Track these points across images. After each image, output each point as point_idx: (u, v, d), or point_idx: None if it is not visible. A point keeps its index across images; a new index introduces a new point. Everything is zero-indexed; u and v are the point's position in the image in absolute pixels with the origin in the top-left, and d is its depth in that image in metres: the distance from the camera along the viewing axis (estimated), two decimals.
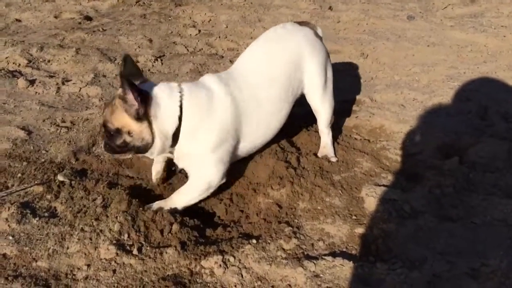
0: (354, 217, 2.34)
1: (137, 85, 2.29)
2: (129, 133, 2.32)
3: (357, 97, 3.78)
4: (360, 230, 2.25)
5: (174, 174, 2.83)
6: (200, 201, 2.65)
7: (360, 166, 2.78)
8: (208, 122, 2.41)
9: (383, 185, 2.57)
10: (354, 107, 3.62)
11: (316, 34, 2.85)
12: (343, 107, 3.65)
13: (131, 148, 2.39)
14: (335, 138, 3.08)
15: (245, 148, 2.62)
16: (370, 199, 2.44)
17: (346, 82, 4.15)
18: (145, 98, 2.27)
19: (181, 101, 2.37)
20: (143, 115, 2.28)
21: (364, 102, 3.68)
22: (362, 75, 4.26)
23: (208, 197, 2.67)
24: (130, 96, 2.23)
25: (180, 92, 2.39)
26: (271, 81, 2.60)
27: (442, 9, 5.89)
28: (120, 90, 2.29)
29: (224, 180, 2.55)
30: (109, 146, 2.41)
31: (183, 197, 2.50)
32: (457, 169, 2.74)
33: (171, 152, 2.50)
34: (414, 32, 5.14)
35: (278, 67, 2.64)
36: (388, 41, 4.87)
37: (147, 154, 2.46)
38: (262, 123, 2.61)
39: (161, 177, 2.75)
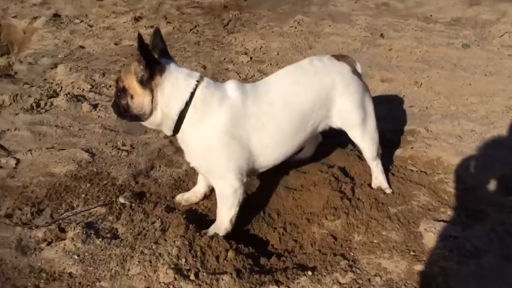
0: (412, 253, 2.29)
1: (152, 54, 2.33)
2: (132, 97, 2.36)
3: (412, 127, 3.73)
4: (419, 267, 2.20)
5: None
6: (254, 229, 2.69)
7: (417, 199, 2.73)
8: (212, 121, 2.39)
9: (442, 220, 2.50)
10: (409, 138, 3.56)
11: (354, 70, 2.73)
12: (397, 137, 3.61)
13: (131, 114, 2.42)
14: (388, 169, 3.05)
15: (259, 161, 2.56)
16: (429, 234, 2.38)
17: (399, 111, 4.10)
18: (155, 68, 2.30)
19: (194, 89, 2.37)
20: (147, 82, 2.30)
21: (420, 132, 3.62)
22: (416, 105, 4.20)
23: (261, 225, 2.71)
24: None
25: (198, 81, 2.40)
26: (292, 107, 2.54)
27: (499, 37, 5.73)
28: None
29: (243, 181, 2.51)
30: (115, 104, 2.47)
31: (221, 211, 2.55)
32: None
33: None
34: (470, 60, 5.03)
35: (304, 96, 2.58)
36: (442, 70, 4.79)
37: (149, 125, 2.50)
38: (275, 142, 2.56)
39: (188, 200, 2.84)
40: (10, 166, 3.05)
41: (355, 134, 2.79)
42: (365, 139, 2.80)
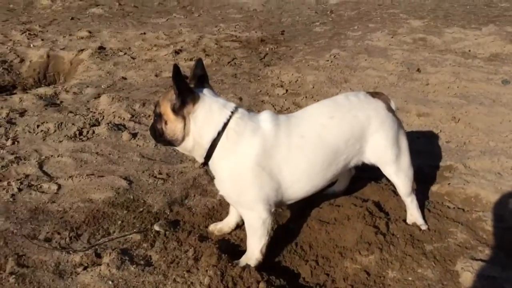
0: None
1: (187, 84, 2.42)
2: (166, 122, 2.44)
3: (449, 163, 3.66)
4: None
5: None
6: (285, 261, 2.67)
7: (454, 237, 2.65)
8: (243, 151, 2.42)
9: (480, 260, 2.42)
10: (446, 173, 3.49)
11: (389, 107, 2.74)
12: (434, 172, 3.55)
13: (165, 139, 2.49)
14: (424, 205, 2.99)
15: (288, 193, 2.56)
16: (467, 274, 2.31)
17: (436, 146, 4.04)
18: (188, 97, 2.37)
19: (228, 119, 2.42)
20: (179, 109, 2.38)
21: (457, 168, 3.55)
22: (454, 140, 4.13)
23: (293, 258, 2.69)
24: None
25: (232, 112, 2.45)
26: (325, 141, 2.55)
27: None
28: None
29: (272, 211, 2.51)
30: (152, 128, 2.57)
31: (251, 242, 2.56)
32: None
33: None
34: (510, 97, 4.92)
35: (337, 131, 2.58)
36: (481, 106, 4.71)
37: (182, 151, 2.57)
38: (305, 175, 2.55)
39: (220, 230, 2.87)
40: (52, 192, 3.18)
41: (389, 171, 2.77)
42: (400, 175, 2.77)
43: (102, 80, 5.83)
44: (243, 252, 2.66)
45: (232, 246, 2.77)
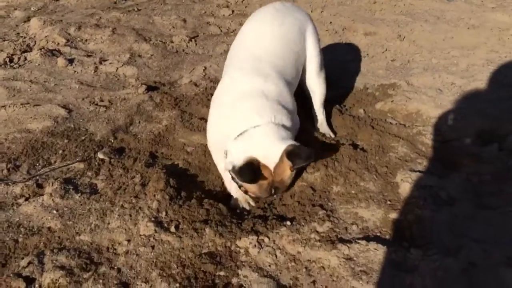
0: (388, 202, 2.34)
1: None
2: None
3: (393, 80, 3.72)
4: (394, 215, 2.25)
5: None
6: None
7: (396, 151, 2.76)
8: None
9: (419, 171, 2.54)
10: (390, 91, 3.56)
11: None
12: (377, 90, 3.61)
13: None
14: (368, 122, 3.07)
15: None
16: (405, 184, 2.42)
17: (382, 65, 4.08)
18: None
19: None
20: None
21: (400, 86, 3.62)
22: (399, 58, 4.18)
23: None
24: None
25: None
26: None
27: None
28: None
29: None
30: None
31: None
32: (496, 156, 2.68)
33: None
34: (454, 13, 4.98)
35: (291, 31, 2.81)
36: (426, 23, 4.74)
37: None
38: None
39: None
40: None
41: (313, 80, 3.01)
42: (321, 85, 3.05)
43: (31, 2, 5.34)
44: (191, 175, 2.65)
45: (180, 171, 2.75)
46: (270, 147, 2.26)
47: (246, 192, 2.41)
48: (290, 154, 2.22)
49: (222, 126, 2.47)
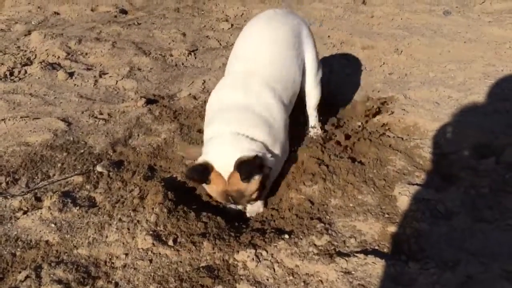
0: (386, 215, 2.34)
1: None
2: None
3: (391, 94, 3.74)
4: (392, 228, 2.25)
5: None
6: None
7: (393, 164, 2.76)
8: None
9: (417, 184, 2.55)
10: (388, 104, 3.57)
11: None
12: (376, 104, 3.62)
13: None
14: (366, 136, 3.08)
15: None
16: (403, 197, 2.43)
17: (379, 78, 4.11)
18: None
19: None
20: None
21: (398, 99, 3.64)
22: (396, 72, 4.21)
23: None
24: None
25: None
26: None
27: (480, 4, 5.73)
28: None
29: None
30: None
31: None
32: (493, 169, 2.69)
33: None
34: (451, 27, 5.03)
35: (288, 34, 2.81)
36: (423, 37, 4.79)
37: None
38: None
39: None
40: None
41: (310, 83, 2.99)
42: (317, 87, 3.05)
43: (32, 15, 5.40)
44: (189, 189, 2.66)
45: (178, 184, 2.75)
46: (225, 156, 2.30)
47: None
48: (238, 165, 2.25)
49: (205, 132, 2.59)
